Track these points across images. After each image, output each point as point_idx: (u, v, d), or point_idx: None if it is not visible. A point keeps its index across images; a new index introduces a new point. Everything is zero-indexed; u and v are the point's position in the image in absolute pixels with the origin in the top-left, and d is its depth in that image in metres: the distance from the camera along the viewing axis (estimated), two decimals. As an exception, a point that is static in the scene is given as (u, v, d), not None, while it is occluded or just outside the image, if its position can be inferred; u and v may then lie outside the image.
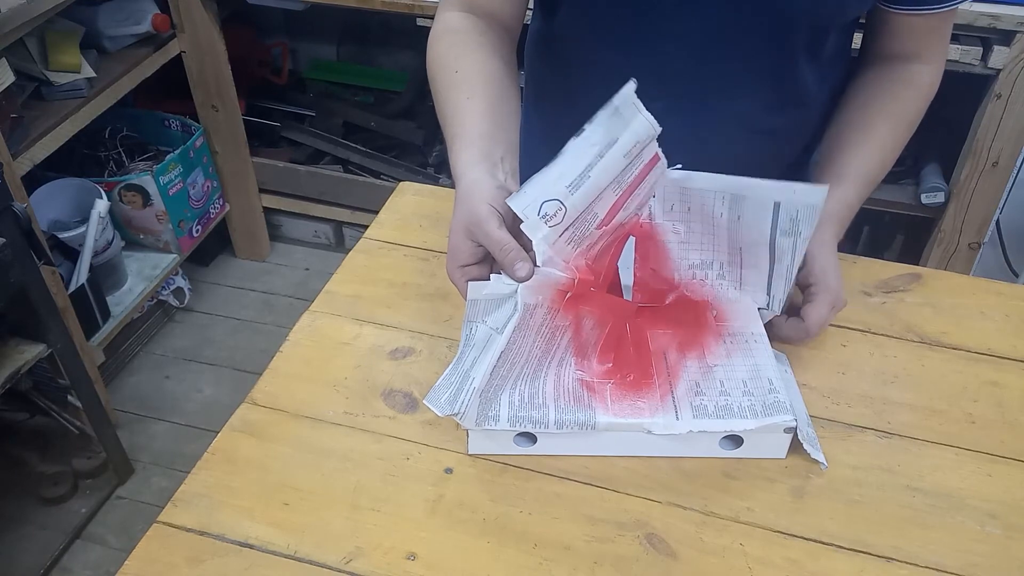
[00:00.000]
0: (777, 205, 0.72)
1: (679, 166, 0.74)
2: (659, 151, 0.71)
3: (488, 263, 0.72)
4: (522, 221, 0.66)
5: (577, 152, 0.66)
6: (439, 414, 0.70)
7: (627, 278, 0.79)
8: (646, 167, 0.70)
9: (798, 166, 1.01)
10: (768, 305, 0.79)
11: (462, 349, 0.72)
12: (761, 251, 0.75)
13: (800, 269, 0.78)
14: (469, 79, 0.79)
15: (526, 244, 0.68)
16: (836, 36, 0.87)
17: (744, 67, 0.84)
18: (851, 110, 0.89)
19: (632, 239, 0.77)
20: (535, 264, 0.68)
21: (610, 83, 0.89)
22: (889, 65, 0.88)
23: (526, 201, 0.66)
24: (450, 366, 0.72)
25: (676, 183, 0.75)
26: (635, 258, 0.78)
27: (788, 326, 0.81)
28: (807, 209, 0.72)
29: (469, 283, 0.71)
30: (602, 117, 0.66)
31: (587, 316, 0.73)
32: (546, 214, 0.66)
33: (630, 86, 0.65)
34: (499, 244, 0.68)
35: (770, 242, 0.74)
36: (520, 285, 0.68)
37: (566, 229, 0.67)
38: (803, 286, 0.81)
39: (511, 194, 0.67)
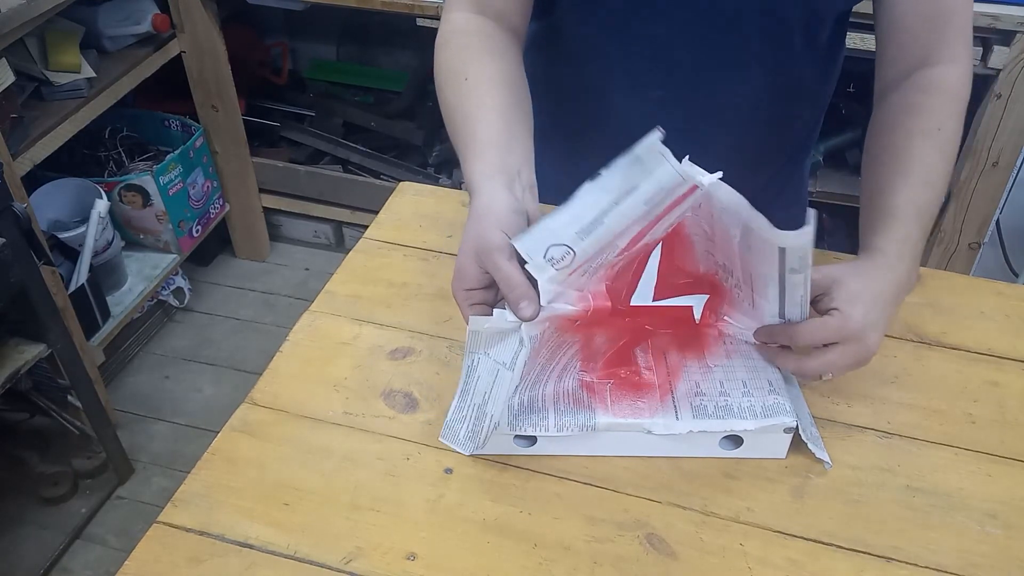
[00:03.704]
0: (783, 251, 0.65)
1: (687, 157, 0.66)
2: (701, 180, 0.63)
3: (494, 289, 0.69)
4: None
5: (590, 198, 0.62)
6: (464, 453, 0.71)
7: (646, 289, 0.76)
8: (680, 197, 0.65)
9: (796, 162, 1.01)
10: None
11: (466, 379, 0.70)
12: (771, 285, 0.69)
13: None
14: (479, 86, 0.77)
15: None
16: (833, 25, 0.86)
17: (742, 55, 0.84)
18: (882, 137, 0.82)
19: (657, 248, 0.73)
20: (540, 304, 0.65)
21: (610, 75, 0.89)
22: (908, 81, 0.81)
23: (530, 244, 0.63)
24: (457, 398, 0.71)
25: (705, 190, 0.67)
26: (660, 252, 0.74)
27: (780, 354, 0.74)
28: (809, 248, 0.66)
29: (471, 316, 0.68)
30: (621, 164, 0.61)
31: (598, 334, 0.73)
32: (552, 258, 0.63)
33: (655, 135, 0.59)
34: (506, 279, 0.65)
35: (779, 279, 0.68)
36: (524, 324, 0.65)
37: (576, 268, 0.65)
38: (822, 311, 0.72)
39: (526, 215, 0.65)
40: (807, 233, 0.62)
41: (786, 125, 0.93)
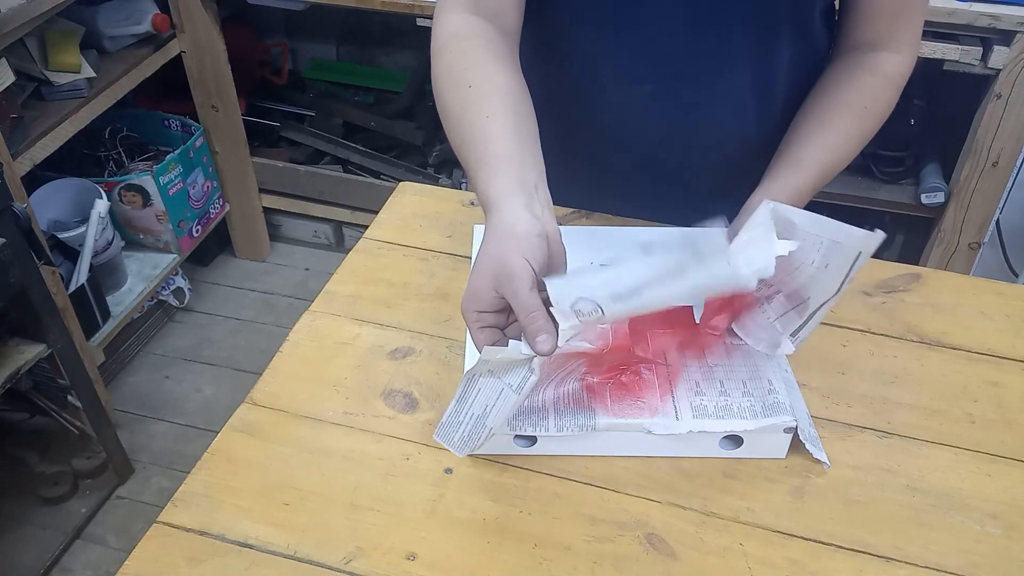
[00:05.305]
0: (859, 255, 0.65)
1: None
2: (767, 269, 0.62)
3: (506, 313, 0.66)
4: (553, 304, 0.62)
5: (635, 270, 0.61)
6: (458, 455, 0.70)
7: None
8: (730, 295, 0.64)
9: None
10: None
11: (465, 387, 0.69)
12: (820, 299, 0.69)
13: None
14: (485, 96, 0.74)
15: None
16: (821, 13, 0.87)
17: (731, 47, 0.85)
18: (815, 98, 0.87)
19: None
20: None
21: (600, 69, 0.89)
22: (856, 55, 0.86)
23: (561, 291, 0.62)
24: (455, 402, 0.69)
25: (784, 219, 0.66)
26: None
27: None
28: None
29: (484, 347, 0.66)
30: (674, 244, 0.60)
31: (608, 355, 0.73)
32: (579, 310, 0.62)
33: (719, 227, 0.58)
34: (526, 309, 0.62)
35: (837, 289, 0.68)
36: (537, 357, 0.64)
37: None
38: None
39: (546, 237, 0.64)
40: (878, 238, 0.64)
41: (772, 115, 0.93)
